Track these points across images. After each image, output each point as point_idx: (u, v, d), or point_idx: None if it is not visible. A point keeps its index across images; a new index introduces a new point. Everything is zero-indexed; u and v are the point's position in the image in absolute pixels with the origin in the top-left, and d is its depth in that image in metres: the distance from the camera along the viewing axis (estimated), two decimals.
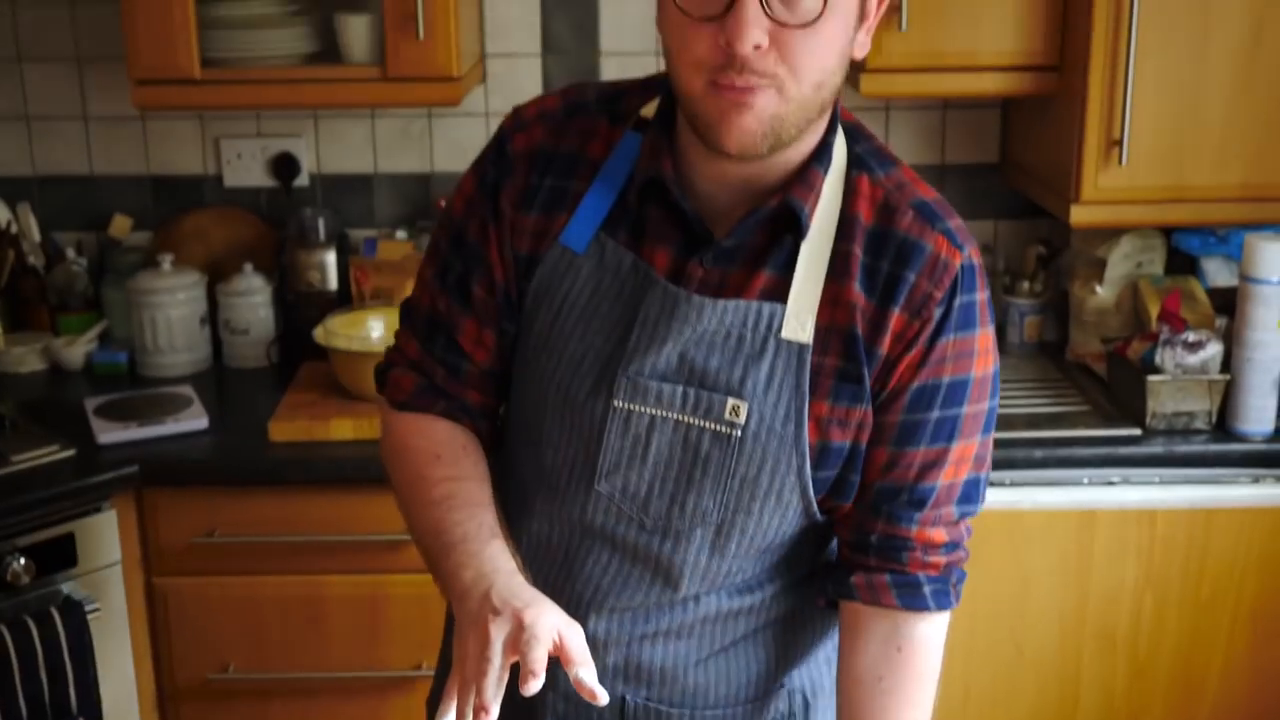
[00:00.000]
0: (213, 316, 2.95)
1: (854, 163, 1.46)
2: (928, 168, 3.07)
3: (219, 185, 3.07)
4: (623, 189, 1.47)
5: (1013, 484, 2.51)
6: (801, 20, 1.29)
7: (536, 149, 1.50)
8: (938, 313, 1.42)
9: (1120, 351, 2.67)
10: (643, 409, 1.44)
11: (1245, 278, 2.50)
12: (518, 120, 1.54)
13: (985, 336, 1.47)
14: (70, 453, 2.47)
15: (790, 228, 1.42)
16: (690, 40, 1.31)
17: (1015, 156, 2.98)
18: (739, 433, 1.43)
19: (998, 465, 2.50)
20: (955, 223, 1.45)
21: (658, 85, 1.49)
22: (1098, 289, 2.82)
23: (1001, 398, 2.70)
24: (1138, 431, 2.56)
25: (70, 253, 3.01)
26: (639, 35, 2.97)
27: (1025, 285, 2.98)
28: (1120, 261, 2.81)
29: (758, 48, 1.29)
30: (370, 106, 2.96)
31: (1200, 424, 2.56)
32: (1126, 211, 2.59)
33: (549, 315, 1.48)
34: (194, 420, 2.60)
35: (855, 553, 1.51)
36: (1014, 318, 2.99)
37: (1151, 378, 2.54)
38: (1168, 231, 2.83)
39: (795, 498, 1.46)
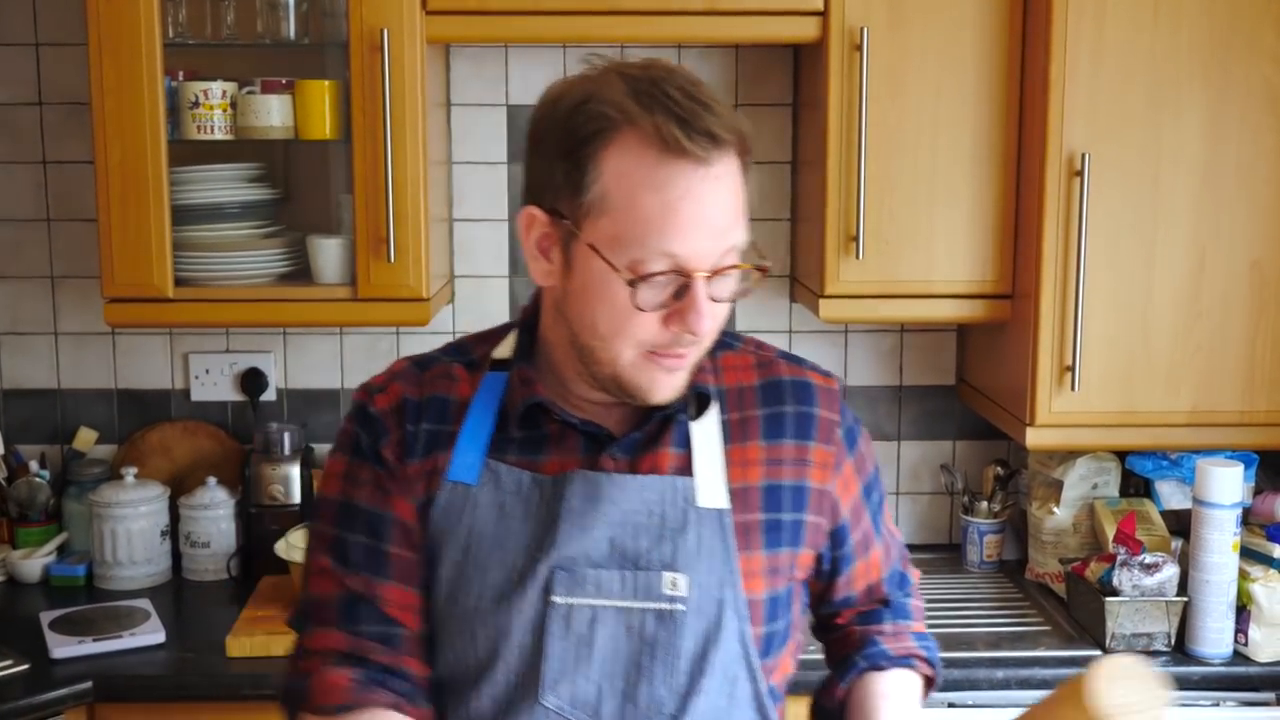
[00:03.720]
0: (174, 529, 2.95)
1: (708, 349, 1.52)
2: (885, 389, 3.13)
3: (186, 399, 3.10)
4: (496, 419, 1.51)
5: (975, 705, 2.50)
6: (729, 296, 1.42)
7: (400, 402, 1.53)
8: (841, 433, 1.59)
9: (1078, 572, 2.69)
10: (582, 601, 1.45)
11: (1199, 502, 2.54)
12: (371, 389, 1.57)
13: (867, 433, 1.68)
14: (24, 667, 2.44)
15: (680, 409, 1.50)
16: (636, 325, 1.39)
17: (971, 379, 3.05)
18: (681, 606, 1.45)
19: (958, 686, 2.51)
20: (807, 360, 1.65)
21: (496, 334, 1.59)
22: (1055, 510, 2.86)
23: (963, 617, 2.76)
24: (1098, 652, 2.56)
25: (33, 465, 3.01)
26: None
27: (984, 505, 3.01)
28: (1076, 483, 2.85)
29: None
30: (340, 326, 3.01)
31: (1160, 645, 2.57)
32: (1080, 435, 2.65)
33: (456, 552, 1.48)
34: (150, 634, 2.57)
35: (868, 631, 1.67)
36: (973, 537, 3.01)
37: (1110, 599, 2.56)
38: (1121, 454, 2.88)
39: (742, 670, 1.49)
